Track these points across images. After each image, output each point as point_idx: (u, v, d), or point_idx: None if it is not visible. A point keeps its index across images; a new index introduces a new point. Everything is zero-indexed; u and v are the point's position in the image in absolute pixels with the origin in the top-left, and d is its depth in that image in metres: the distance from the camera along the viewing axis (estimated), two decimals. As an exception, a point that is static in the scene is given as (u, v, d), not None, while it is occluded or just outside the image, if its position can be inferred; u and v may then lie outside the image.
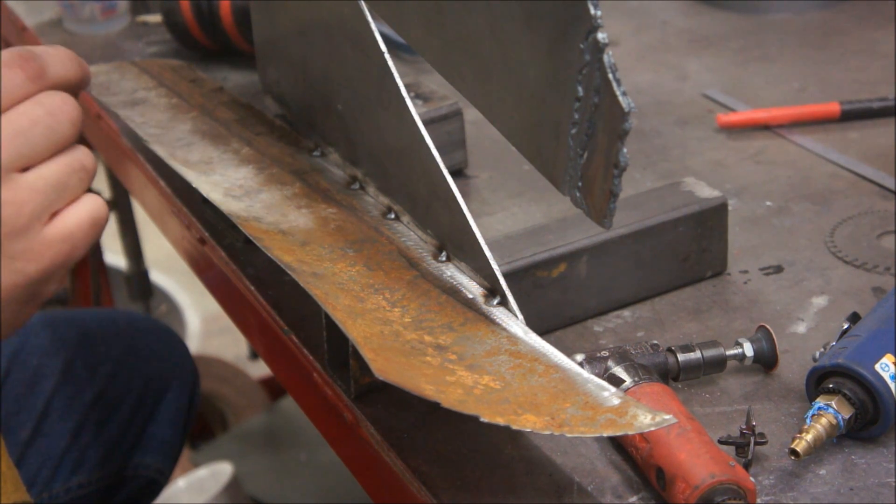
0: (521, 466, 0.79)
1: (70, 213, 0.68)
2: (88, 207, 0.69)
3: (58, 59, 0.70)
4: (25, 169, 0.67)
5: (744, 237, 1.03)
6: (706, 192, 0.96)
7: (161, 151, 1.03)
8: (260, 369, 2.38)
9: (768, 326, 0.86)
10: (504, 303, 0.81)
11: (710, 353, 0.85)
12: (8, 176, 0.66)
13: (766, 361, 0.86)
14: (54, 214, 0.68)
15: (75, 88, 0.71)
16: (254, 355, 2.34)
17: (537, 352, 0.77)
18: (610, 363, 0.82)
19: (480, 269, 0.83)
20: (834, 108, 1.21)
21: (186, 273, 1.34)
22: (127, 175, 1.32)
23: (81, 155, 0.69)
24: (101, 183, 1.94)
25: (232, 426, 2.26)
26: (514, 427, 0.69)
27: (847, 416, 0.77)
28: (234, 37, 1.37)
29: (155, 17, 1.55)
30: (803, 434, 0.76)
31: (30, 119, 0.67)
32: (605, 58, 0.71)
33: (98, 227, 0.70)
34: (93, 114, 1.36)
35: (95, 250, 1.99)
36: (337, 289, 0.83)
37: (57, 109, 0.68)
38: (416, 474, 0.79)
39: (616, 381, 0.81)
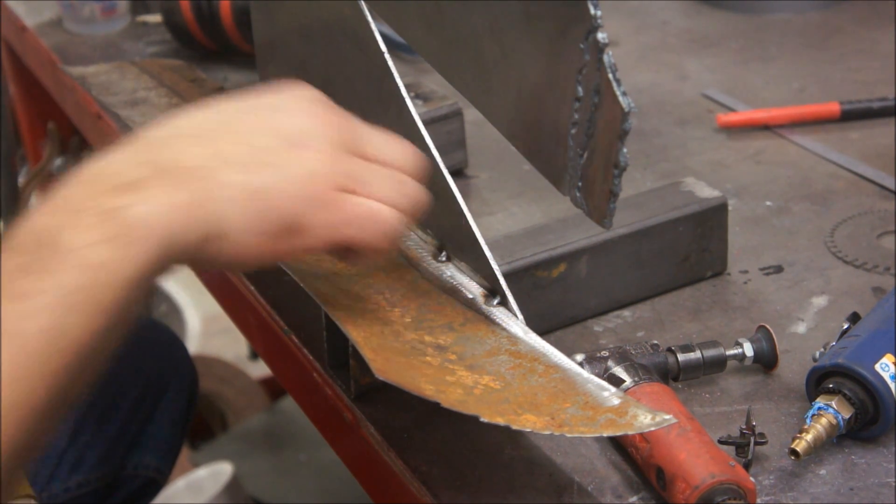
0: (521, 466, 0.79)
1: (370, 203, 0.72)
2: (379, 209, 0.73)
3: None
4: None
5: (744, 237, 1.03)
6: (706, 192, 0.96)
7: (161, 151, 1.03)
8: (260, 369, 2.38)
9: (768, 326, 0.86)
10: (504, 303, 0.81)
11: (710, 353, 0.85)
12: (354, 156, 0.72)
13: (766, 361, 0.86)
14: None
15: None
16: (254, 355, 2.33)
17: (537, 352, 0.77)
18: (610, 363, 0.82)
19: (480, 269, 0.83)
20: (834, 108, 1.21)
21: (186, 273, 1.34)
22: (127, 175, 1.32)
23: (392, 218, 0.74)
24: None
25: (232, 426, 2.26)
26: (514, 427, 0.69)
27: (847, 416, 0.77)
28: (234, 37, 1.37)
29: (155, 17, 1.55)
30: (803, 434, 0.76)
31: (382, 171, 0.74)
32: (605, 58, 0.71)
33: (378, 233, 0.73)
34: (93, 114, 1.36)
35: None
36: (337, 289, 0.83)
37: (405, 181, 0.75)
38: (416, 474, 0.79)
39: (616, 381, 0.81)
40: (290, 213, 0.69)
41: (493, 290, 0.82)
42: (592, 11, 0.71)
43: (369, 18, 0.88)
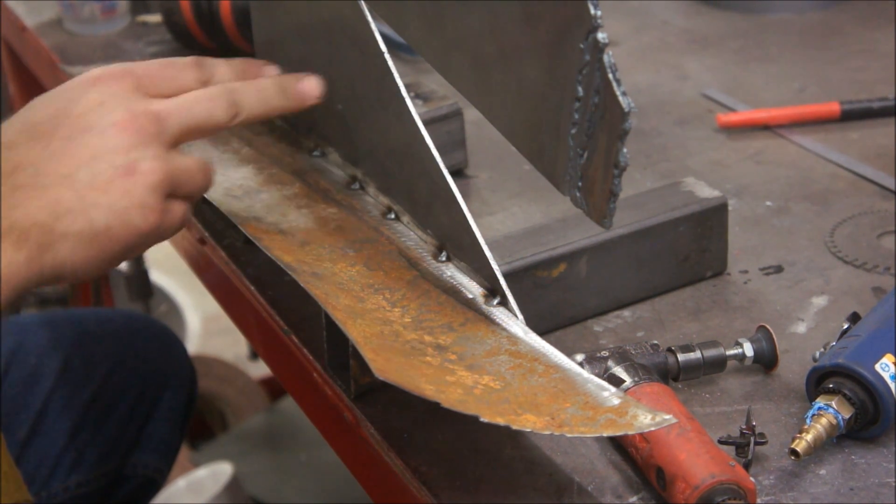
0: (521, 466, 0.79)
1: (179, 203, 0.78)
2: (184, 209, 0.79)
3: (225, 72, 0.84)
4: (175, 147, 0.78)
5: (744, 237, 1.03)
6: (706, 192, 0.96)
7: (161, 151, 1.03)
8: (260, 369, 2.38)
9: (768, 326, 0.86)
10: (504, 303, 0.81)
11: (710, 353, 0.85)
12: (167, 143, 0.77)
13: (766, 361, 0.86)
14: (170, 195, 0.77)
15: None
16: (254, 355, 2.33)
17: (537, 352, 0.77)
18: (610, 363, 0.82)
19: (480, 269, 0.83)
20: (834, 108, 1.21)
21: (186, 273, 1.34)
22: (127, 175, 1.32)
23: (211, 169, 0.81)
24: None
25: (232, 426, 2.26)
26: (514, 427, 0.69)
27: (847, 416, 0.77)
28: (234, 37, 1.37)
29: (155, 17, 1.55)
30: (803, 434, 0.76)
31: (195, 98, 0.79)
32: (605, 58, 0.71)
33: (180, 228, 0.79)
34: (92, 113, 1.36)
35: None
36: (337, 289, 0.83)
37: (216, 95, 0.80)
38: (416, 474, 0.79)
39: (616, 381, 0.81)
40: (128, 245, 0.75)
41: (493, 290, 0.82)
42: (592, 11, 0.71)
43: (369, 18, 0.88)
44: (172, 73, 0.80)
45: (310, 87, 0.86)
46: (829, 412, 0.77)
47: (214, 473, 2.03)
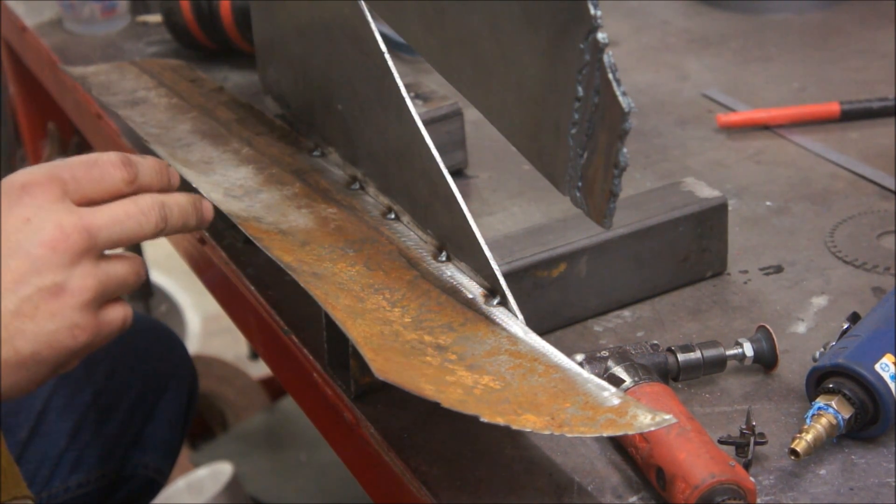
0: (521, 466, 0.79)
1: (117, 308, 0.78)
2: (125, 311, 0.79)
3: (148, 170, 0.81)
4: (101, 258, 0.76)
5: (744, 237, 1.03)
6: (706, 192, 0.96)
7: (161, 151, 1.03)
8: (260, 369, 2.38)
9: (768, 326, 0.86)
10: (504, 303, 0.81)
11: (710, 353, 0.85)
12: (97, 255, 0.76)
13: (766, 361, 0.86)
14: (105, 303, 0.77)
15: (158, 191, 0.82)
16: (254, 355, 2.33)
17: (537, 352, 0.77)
18: (610, 363, 0.82)
19: (480, 269, 0.83)
20: (834, 108, 1.21)
21: (186, 273, 1.34)
22: (127, 175, 1.32)
23: (140, 264, 0.80)
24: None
25: (232, 426, 2.26)
26: (514, 427, 0.69)
27: (847, 416, 0.77)
28: (234, 37, 1.37)
29: (155, 17, 1.55)
30: (803, 434, 0.76)
31: (125, 212, 0.78)
32: (605, 58, 0.71)
33: (125, 329, 0.79)
34: (93, 114, 1.36)
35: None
36: (337, 289, 0.83)
37: (148, 210, 0.79)
38: (416, 474, 0.79)
39: (616, 381, 0.81)
40: (58, 363, 0.75)
41: (493, 290, 0.82)
42: (592, 11, 0.71)
43: (369, 18, 0.88)
44: (99, 174, 0.78)
45: (208, 207, 0.85)
46: (829, 412, 0.77)
47: (214, 473, 2.03)
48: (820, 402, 0.78)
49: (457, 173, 1.15)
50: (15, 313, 0.72)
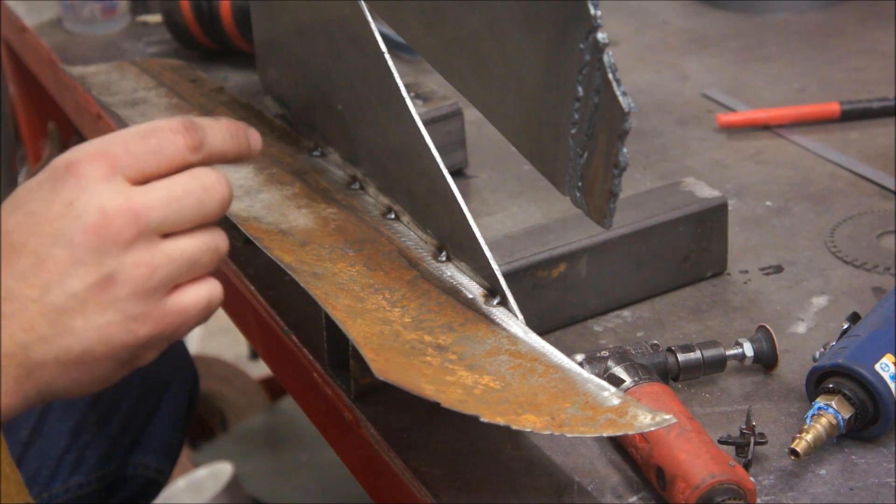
0: (521, 466, 0.79)
1: (191, 290, 0.70)
2: (208, 289, 0.71)
3: (218, 133, 0.73)
4: (167, 235, 0.69)
5: (744, 237, 1.03)
6: (706, 192, 0.96)
7: (161, 151, 1.03)
8: (260, 369, 2.38)
9: (768, 326, 0.86)
10: (504, 303, 0.81)
11: (710, 353, 0.85)
12: (151, 238, 0.68)
13: (766, 361, 0.86)
14: (177, 286, 0.70)
15: (233, 161, 0.75)
16: (254, 355, 2.34)
17: (537, 352, 0.77)
18: (610, 363, 0.82)
19: (480, 269, 0.83)
20: (834, 108, 1.21)
21: (186, 273, 1.34)
22: (127, 175, 1.32)
23: (218, 237, 0.72)
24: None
25: (232, 426, 2.26)
26: (514, 427, 0.69)
27: (847, 416, 0.77)
28: (234, 37, 1.37)
29: (155, 17, 1.55)
30: (803, 434, 0.76)
31: (184, 189, 0.69)
32: (605, 58, 0.71)
33: (211, 311, 0.72)
34: (93, 114, 1.36)
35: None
36: (337, 289, 0.83)
37: (210, 186, 0.70)
38: (416, 474, 0.79)
39: (616, 381, 0.81)
40: (120, 360, 0.69)
41: (493, 290, 0.82)
42: (592, 11, 0.71)
43: (369, 18, 0.88)
44: (158, 144, 0.70)
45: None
46: (829, 412, 0.77)
47: (214, 473, 2.04)
48: (820, 402, 0.78)
49: (457, 173, 1.15)
50: (61, 309, 0.66)
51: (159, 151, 0.70)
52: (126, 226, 0.67)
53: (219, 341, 2.57)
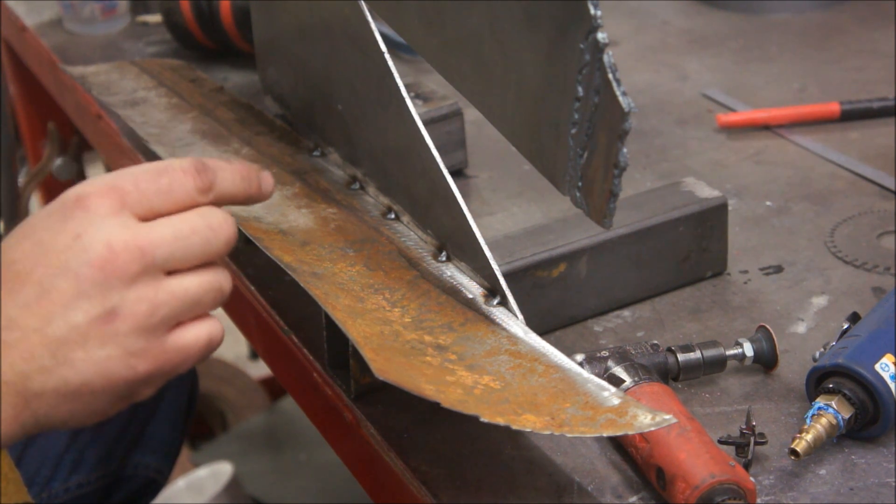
0: (521, 466, 0.79)
1: (192, 329, 0.71)
2: (209, 329, 0.72)
3: (229, 176, 0.74)
4: (171, 273, 0.70)
5: (744, 237, 1.03)
6: (706, 192, 0.96)
7: (161, 151, 1.03)
8: (260, 369, 2.38)
9: (768, 326, 0.86)
10: (504, 303, 0.81)
11: (710, 353, 0.85)
12: (155, 275, 0.69)
13: (766, 361, 0.86)
14: (179, 324, 0.70)
15: (242, 203, 0.76)
16: (254, 355, 2.34)
17: (537, 352, 0.77)
18: (610, 363, 0.82)
19: (480, 269, 0.83)
20: (834, 108, 1.21)
21: (186, 273, 1.34)
22: (127, 175, 1.32)
23: (222, 277, 0.73)
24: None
25: (232, 426, 2.27)
26: (514, 427, 0.69)
27: (847, 416, 0.77)
28: (234, 37, 1.37)
29: (155, 17, 1.55)
30: (803, 434, 0.76)
31: (191, 227, 0.70)
32: (605, 58, 0.71)
33: (211, 350, 0.73)
34: (93, 114, 1.36)
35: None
36: (337, 289, 0.83)
37: (217, 226, 0.71)
38: (416, 474, 0.79)
39: (616, 381, 0.81)
40: (118, 394, 0.70)
41: (493, 290, 0.82)
42: (592, 11, 0.71)
43: (369, 18, 0.88)
44: (168, 184, 0.70)
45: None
46: (829, 412, 0.77)
47: (214, 473, 2.04)
48: (820, 402, 0.78)
49: (457, 173, 1.15)
50: (62, 340, 0.67)
51: (169, 191, 0.70)
52: (131, 261, 0.68)
53: (219, 341, 2.57)
